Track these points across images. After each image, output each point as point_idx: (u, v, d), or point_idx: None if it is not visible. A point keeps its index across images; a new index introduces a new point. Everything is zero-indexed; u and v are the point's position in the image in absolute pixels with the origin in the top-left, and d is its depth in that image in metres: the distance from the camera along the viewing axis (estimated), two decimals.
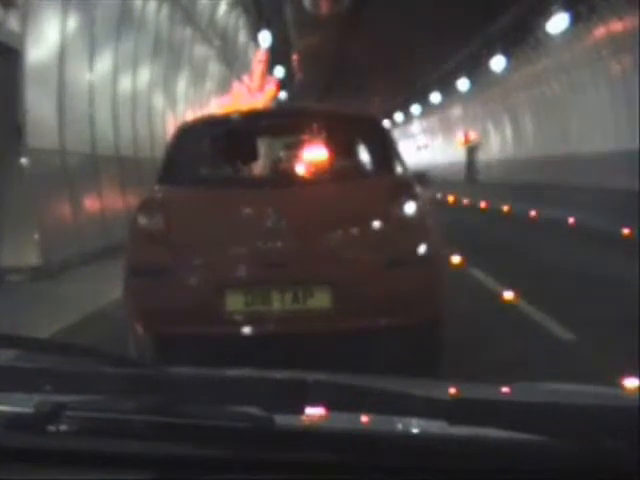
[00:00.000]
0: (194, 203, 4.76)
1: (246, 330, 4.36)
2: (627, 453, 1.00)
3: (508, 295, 7.05)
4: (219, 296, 4.27)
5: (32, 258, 8.95)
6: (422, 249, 4.42)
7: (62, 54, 10.15)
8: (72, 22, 10.51)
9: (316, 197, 4.66)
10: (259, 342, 4.30)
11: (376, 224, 4.48)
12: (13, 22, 8.68)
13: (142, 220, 4.54)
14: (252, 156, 5.29)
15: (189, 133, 5.31)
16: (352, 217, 4.51)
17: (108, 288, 4.41)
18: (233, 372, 1.50)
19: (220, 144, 5.23)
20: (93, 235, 10.75)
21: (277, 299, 4.26)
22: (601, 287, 7.66)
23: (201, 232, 4.52)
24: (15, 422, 1.13)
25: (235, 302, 4.28)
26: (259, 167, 6.48)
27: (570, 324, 5.77)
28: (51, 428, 1.10)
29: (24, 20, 8.87)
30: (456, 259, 8.98)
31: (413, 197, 4.50)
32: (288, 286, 4.26)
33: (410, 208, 4.45)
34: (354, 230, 4.53)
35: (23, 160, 9.02)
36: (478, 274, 8.57)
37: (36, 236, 9.06)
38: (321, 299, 4.26)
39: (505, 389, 1.44)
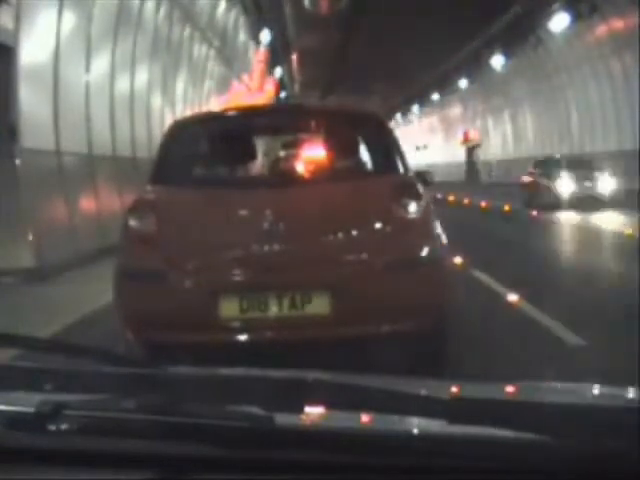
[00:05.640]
0: (188, 204, 4.59)
1: (241, 337, 4.19)
2: (627, 453, 1.00)
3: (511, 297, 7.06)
4: (213, 301, 4.10)
5: (26, 260, 8.89)
6: (426, 251, 4.28)
7: (57, 52, 10.08)
8: (68, 19, 10.45)
9: (315, 198, 4.49)
10: (255, 350, 4.14)
11: (377, 225, 4.30)
12: (6, 18, 8.59)
13: (133, 222, 4.37)
14: (249, 155, 5.15)
15: (183, 131, 5.11)
16: (352, 218, 4.35)
17: (103, 290, 4.33)
18: (233, 371, 1.50)
19: (215, 142, 5.10)
20: (89, 236, 10.69)
21: (274, 305, 4.09)
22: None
23: (195, 234, 4.36)
24: (16, 421, 1.13)
25: (230, 308, 4.11)
26: (256, 166, 6.37)
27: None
28: (52, 427, 1.10)
29: (18, 16, 8.78)
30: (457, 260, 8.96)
31: (416, 197, 4.35)
32: (286, 291, 4.09)
33: (413, 209, 4.30)
34: (354, 232, 4.33)
35: (17, 161, 8.95)
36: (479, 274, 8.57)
37: (30, 237, 9.00)
38: (320, 305, 4.10)
39: (505, 388, 1.44)
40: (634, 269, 7.99)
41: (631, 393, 1.33)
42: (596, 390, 1.44)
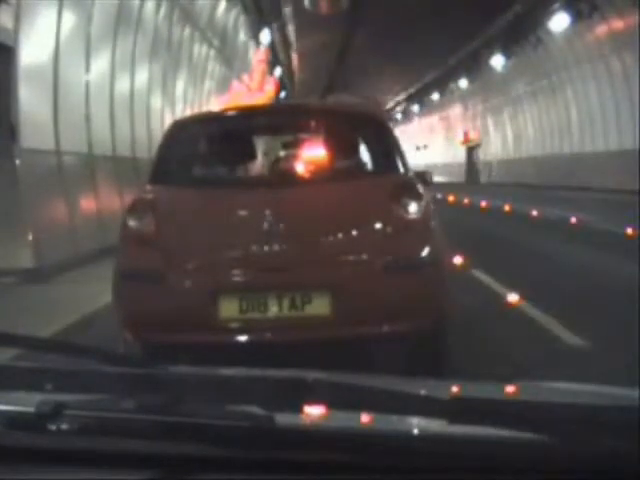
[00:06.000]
0: (187, 204, 4.58)
1: (241, 338, 4.17)
2: (627, 453, 1.00)
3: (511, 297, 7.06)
4: (212, 302, 4.08)
5: (25, 260, 8.86)
6: (426, 252, 4.25)
7: (57, 52, 10.03)
8: (68, 19, 10.41)
9: (315, 198, 4.48)
10: (254, 351, 4.12)
11: (378, 226, 4.28)
12: (5, 18, 8.54)
13: (132, 222, 4.36)
14: (249, 155, 5.15)
15: (182, 131, 5.08)
16: (353, 218, 4.33)
17: (103, 291, 4.30)
18: (233, 371, 1.50)
19: (215, 142, 5.08)
20: (89, 236, 10.65)
21: (274, 305, 4.06)
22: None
23: (194, 234, 4.34)
24: (16, 421, 1.13)
25: (229, 308, 4.09)
26: (256, 166, 6.34)
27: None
28: (52, 427, 1.10)
29: (17, 16, 8.71)
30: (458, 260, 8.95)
31: (416, 197, 4.33)
32: (285, 291, 4.06)
33: (413, 209, 4.28)
34: (355, 232, 4.32)
35: (17, 161, 8.91)
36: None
37: (30, 237, 8.97)
38: (320, 305, 4.08)
39: (505, 388, 1.44)
40: None
41: (631, 393, 1.33)
42: (596, 390, 1.45)
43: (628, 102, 23.41)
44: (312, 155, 5.36)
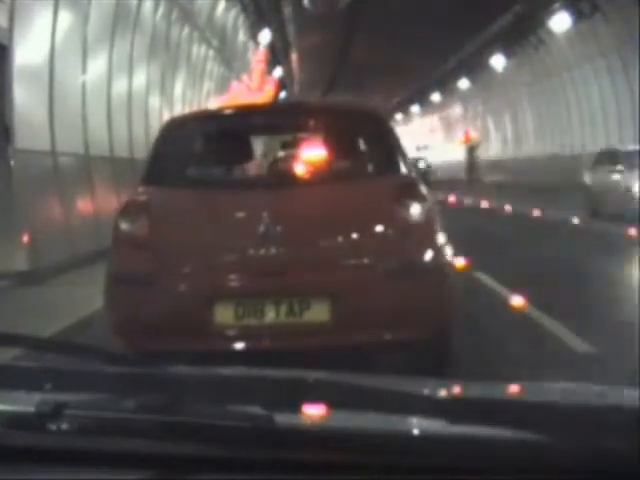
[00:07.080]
0: (182, 206, 4.45)
1: (237, 346, 4.06)
2: (627, 453, 1.00)
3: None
4: (208, 308, 3.96)
5: (20, 262, 8.81)
6: (429, 256, 4.13)
7: (53, 51, 9.95)
8: (64, 18, 10.34)
9: (314, 199, 4.36)
10: (251, 358, 3.95)
11: (379, 229, 4.17)
12: (0, 16, 8.52)
13: (124, 224, 4.23)
14: (246, 155, 5.06)
15: (178, 129, 4.93)
16: (353, 221, 4.21)
17: (100, 293, 4.25)
18: (233, 371, 1.50)
19: (212, 142, 4.97)
20: (85, 238, 10.59)
21: (271, 311, 3.95)
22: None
23: (189, 237, 4.21)
24: (16, 421, 1.13)
25: (225, 314, 3.98)
26: (253, 167, 6.26)
27: None
28: (52, 427, 1.10)
29: (12, 14, 8.64)
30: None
31: (419, 199, 4.21)
32: (283, 297, 3.94)
33: (416, 211, 4.15)
34: (355, 235, 4.19)
35: (11, 162, 8.84)
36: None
37: (25, 240, 8.90)
38: (319, 311, 3.96)
39: (505, 388, 1.44)
40: None
41: (631, 393, 1.33)
42: (596, 390, 1.45)
43: (629, 102, 23.41)
44: (311, 155, 5.27)
